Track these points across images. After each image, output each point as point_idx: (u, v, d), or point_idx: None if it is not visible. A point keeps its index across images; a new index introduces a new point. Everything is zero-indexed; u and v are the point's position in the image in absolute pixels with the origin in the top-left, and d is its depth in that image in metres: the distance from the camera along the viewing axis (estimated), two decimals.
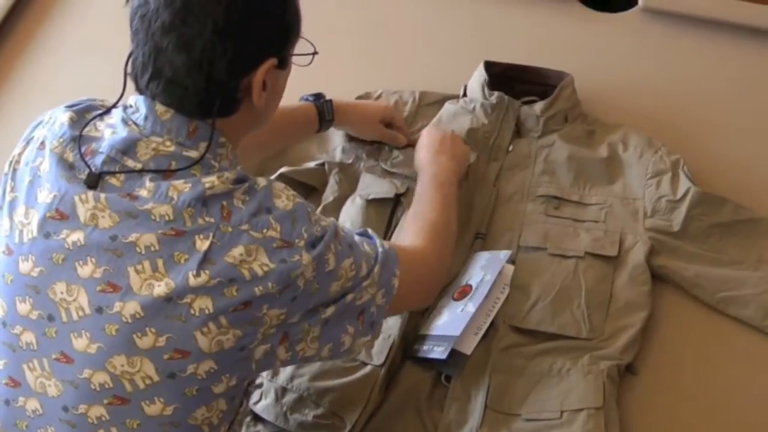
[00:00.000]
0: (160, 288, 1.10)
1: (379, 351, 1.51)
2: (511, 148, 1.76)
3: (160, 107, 1.16)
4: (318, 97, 1.71)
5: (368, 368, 1.49)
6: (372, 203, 1.67)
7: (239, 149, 1.27)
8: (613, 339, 1.51)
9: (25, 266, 1.15)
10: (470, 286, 1.56)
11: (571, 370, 1.48)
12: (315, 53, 1.27)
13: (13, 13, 2.11)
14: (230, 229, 1.12)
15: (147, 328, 1.11)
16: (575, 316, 1.53)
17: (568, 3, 2.06)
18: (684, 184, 1.67)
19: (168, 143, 1.15)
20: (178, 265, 1.11)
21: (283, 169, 1.75)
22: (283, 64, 1.22)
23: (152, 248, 1.11)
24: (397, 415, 1.47)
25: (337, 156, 1.78)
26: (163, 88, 1.15)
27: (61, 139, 1.18)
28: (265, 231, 1.14)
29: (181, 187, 1.13)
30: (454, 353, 1.49)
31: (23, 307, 1.15)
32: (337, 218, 1.67)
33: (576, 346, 1.51)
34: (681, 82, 1.92)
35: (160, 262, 1.11)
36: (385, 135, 1.76)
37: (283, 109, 1.52)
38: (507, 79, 1.83)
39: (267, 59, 1.17)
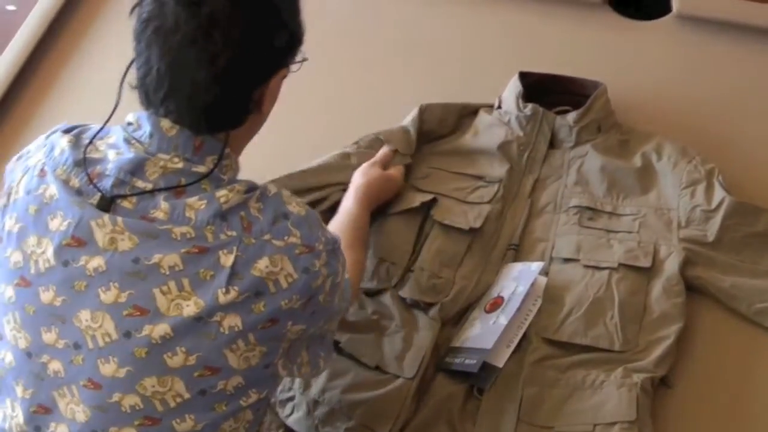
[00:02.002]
0: (189, 308, 1.10)
1: (410, 363, 1.51)
2: (544, 159, 1.76)
3: (165, 123, 1.14)
4: None
5: (400, 381, 1.49)
6: (401, 216, 1.68)
7: None
8: (647, 351, 1.50)
9: (46, 296, 1.14)
10: (502, 298, 1.56)
11: (605, 382, 1.47)
12: (305, 59, 1.25)
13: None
14: (253, 241, 1.12)
15: (177, 348, 1.11)
16: (608, 328, 1.52)
17: (601, 11, 2.05)
18: (719, 193, 1.65)
19: (176, 160, 1.14)
20: (205, 282, 1.11)
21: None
22: (287, 72, 1.22)
23: (176, 268, 1.11)
24: (429, 427, 1.47)
25: None
26: (177, 104, 1.13)
27: (65, 166, 1.16)
28: (287, 238, 1.14)
29: (197, 205, 1.12)
30: (485, 366, 1.49)
31: (49, 337, 1.14)
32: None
33: (609, 359, 1.50)
34: (716, 89, 1.91)
35: (185, 282, 1.11)
36: (398, 174, 1.75)
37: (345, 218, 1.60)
38: (541, 89, 1.83)
39: (281, 70, 1.18)
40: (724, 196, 1.64)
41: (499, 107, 1.83)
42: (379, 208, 1.69)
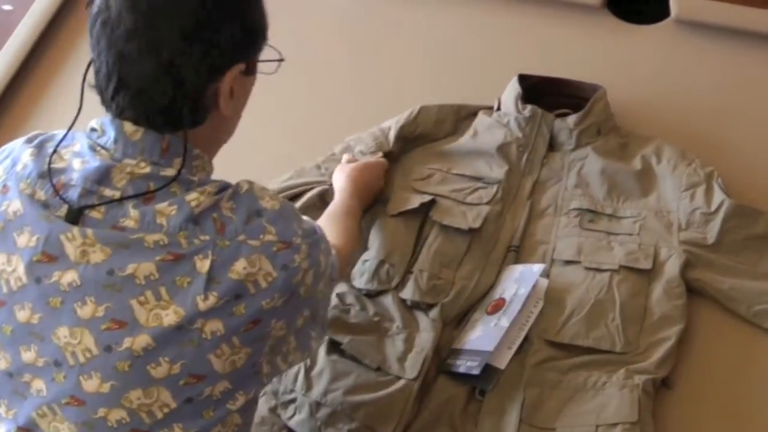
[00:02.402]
0: (169, 317, 1.07)
1: (412, 365, 1.51)
2: (544, 161, 1.76)
3: (128, 127, 1.11)
4: None
5: (402, 382, 1.49)
6: (400, 217, 1.68)
7: None
8: (648, 353, 1.51)
9: (22, 315, 1.10)
10: (504, 300, 1.56)
11: (607, 384, 1.47)
12: (281, 60, 1.23)
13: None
14: (228, 243, 1.09)
15: (160, 358, 1.08)
16: (610, 330, 1.53)
17: (600, 15, 2.06)
18: (718, 196, 1.66)
19: (143, 164, 1.10)
20: (183, 290, 1.07)
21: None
22: (250, 70, 1.18)
23: (152, 277, 1.07)
24: (431, 429, 1.47)
25: None
26: (130, 99, 1.09)
27: (29, 180, 1.12)
28: (262, 236, 1.11)
29: (168, 211, 1.08)
30: (487, 367, 1.49)
31: (29, 356, 1.11)
32: (367, 235, 1.68)
33: (611, 360, 1.51)
34: (714, 93, 1.92)
35: (163, 290, 1.07)
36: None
37: (334, 212, 1.59)
38: (540, 91, 1.84)
39: (235, 65, 1.12)
40: (723, 198, 1.65)
41: (498, 109, 1.83)
42: (377, 204, 1.71)
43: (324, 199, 1.73)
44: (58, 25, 2.15)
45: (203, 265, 1.08)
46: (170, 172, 1.11)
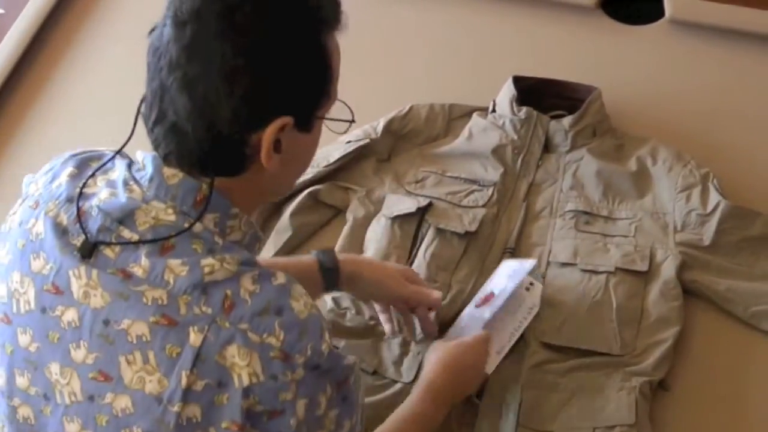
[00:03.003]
0: (152, 384, 1.02)
1: (408, 368, 1.51)
2: (540, 163, 1.76)
3: (167, 170, 1.06)
4: (325, 259, 1.47)
5: (398, 386, 1.49)
6: (396, 221, 1.67)
7: None
8: (645, 355, 1.51)
9: (23, 339, 1.08)
10: (493, 294, 1.55)
11: (604, 386, 1.47)
12: (352, 121, 1.14)
13: (41, 33, 2.13)
14: (227, 325, 1.01)
15: (134, 427, 1.03)
16: (606, 332, 1.52)
17: (594, 16, 2.05)
18: (714, 197, 1.66)
19: (170, 211, 1.05)
20: (171, 360, 1.02)
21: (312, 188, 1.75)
22: (305, 126, 1.08)
23: (144, 338, 1.02)
24: None
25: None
26: (164, 133, 1.05)
27: (57, 201, 1.09)
28: (265, 336, 1.01)
29: (178, 270, 1.02)
30: None
31: (22, 381, 1.09)
32: (362, 238, 1.68)
33: (608, 363, 1.50)
34: (709, 94, 1.91)
35: (151, 355, 1.02)
36: (414, 292, 1.51)
37: (278, 261, 1.44)
38: (535, 93, 1.83)
39: (280, 116, 1.04)
40: (719, 199, 1.65)
41: (493, 111, 1.83)
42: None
43: (316, 198, 1.73)
44: (51, 29, 2.14)
45: (196, 339, 1.01)
46: (198, 227, 1.05)
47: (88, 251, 1.05)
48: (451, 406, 1.41)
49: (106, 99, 2.01)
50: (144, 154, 1.10)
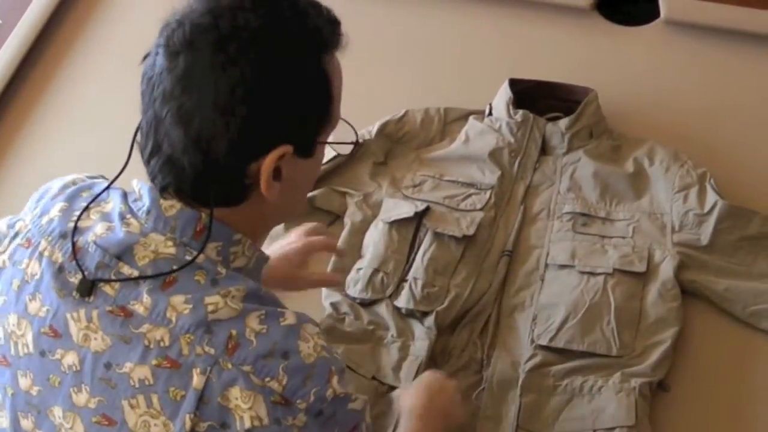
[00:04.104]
0: (158, 428, 0.99)
1: (407, 373, 1.51)
2: (537, 165, 1.76)
3: (165, 202, 1.02)
4: None
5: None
6: (394, 225, 1.67)
7: None
8: (644, 356, 1.51)
9: (24, 383, 1.05)
10: None
11: (603, 388, 1.47)
12: (356, 143, 1.11)
13: (36, 46, 2.13)
14: (230, 366, 0.97)
15: None
16: (605, 333, 1.52)
17: (589, 17, 2.05)
18: (711, 197, 1.66)
19: (169, 243, 1.01)
20: (175, 403, 0.98)
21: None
22: (306, 153, 1.04)
23: (146, 382, 0.99)
24: None
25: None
26: (161, 165, 1.01)
27: (50, 238, 1.06)
28: (267, 380, 0.97)
29: (181, 308, 0.99)
30: None
31: (26, 424, 1.06)
32: (360, 243, 1.68)
33: (607, 364, 1.50)
34: (705, 94, 1.91)
35: (155, 399, 0.99)
36: (312, 283, 1.51)
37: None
38: (531, 95, 1.83)
39: (279, 144, 1.00)
40: (716, 199, 1.65)
41: (490, 114, 1.83)
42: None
43: (312, 204, 1.74)
44: (48, 39, 2.14)
45: (199, 381, 0.97)
46: (200, 257, 1.01)
47: (87, 289, 1.01)
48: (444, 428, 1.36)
49: (101, 112, 2.02)
50: (140, 183, 1.06)
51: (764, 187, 1.73)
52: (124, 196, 1.07)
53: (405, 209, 1.69)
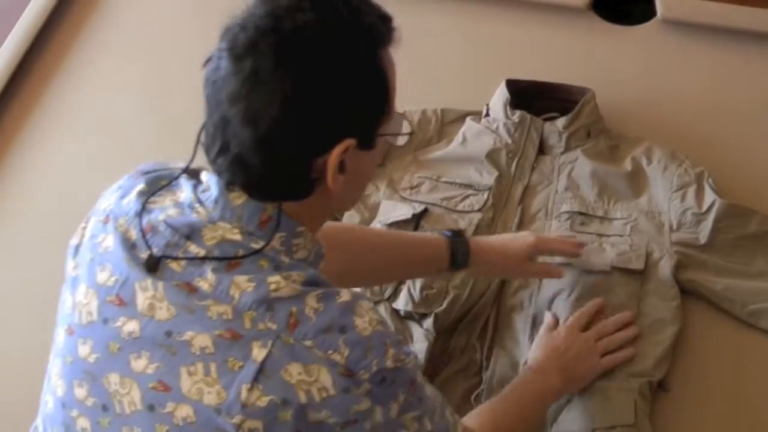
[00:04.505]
0: (211, 396, 1.01)
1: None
2: (534, 165, 1.76)
3: (231, 194, 1.07)
4: (456, 234, 1.52)
5: None
6: (392, 228, 1.67)
7: (339, 272, 1.16)
8: (644, 356, 1.50)
9: (83, 350, 1.09)
10: None
11: (603, 387, 1.47)
12: (411, 133, 1.16)
13: (33, 49, 2.12)
14: (292, 341, 1.01)
15: None
16: None
17: (585, 17, 2.05)
18: (709, 196, 1.65)
19: (236, 231, 1.06)
20: (232, 373, 1.01)
21: None
22: (367, 145, 1.08)
23: (207, 350, 1.02)
24: None
25: None
26: (228, 164, 1.05)
27: (127, 217, 1.11)
28: (330, 353, 1.01)
29: (244, 286, 1.03)
30: None
31: (80, 392, 1.09)
32: None
33: None
34: (703, 92, 1.91)
35: (213, 367, 1.02)
36: (536, 273, 1.58)
37: (409, 239, 1.48)
38: (528, 96, 1.83)
39: (345, 139, 1.04)
40: (714, 198, 1.65)
41: (487, 115, 1.83)
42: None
43: None
44: (43, 43, 2.14)
45: (259, 353, 1.01)
46: (263, 245, 1.06)
47: (154, 265, 1.06)
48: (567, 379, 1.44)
49: (99, 113, 2.02)
50: (209, 175, 1.10)
51: (762, 185, 1.73)
52: (195, 186, 1.12)
53: (403, 211, 1.69)
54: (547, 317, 1.53)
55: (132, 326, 1.06)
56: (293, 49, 1.01)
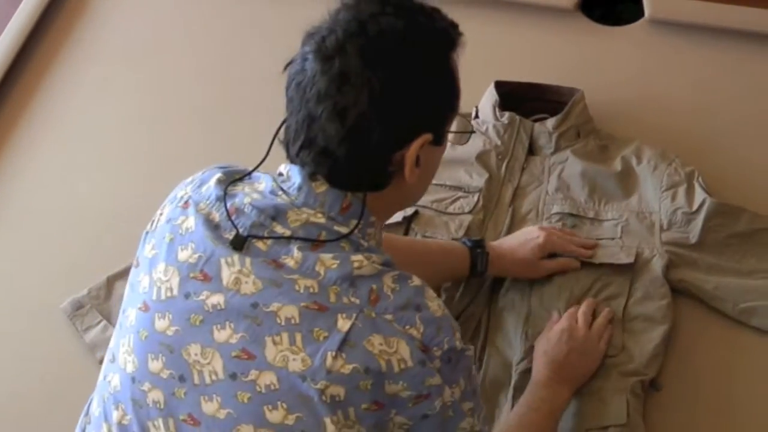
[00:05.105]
0: (296, 363, 1.07)
1: None
2: (524, 166, 1.76)
3: (314, 182, 1.13)
4: (476, 243, 1.57)
5: None
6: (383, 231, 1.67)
7: None
8: (635, 354, 1.50)
9: (161, 324, 1.13)
10: None
11: (595, 388, 1.47)
12: (472, 132, 1.27)
13: (23, 53, 2.12)
14: (374, 315, 1.08)
15: (279, 402, 1.08)
16: None
17: (573, 18, 2.05)
18: (699, 195, 1.66)
19: (319, 215, 1.12)
20: (317, 342, 1.07)
21: None
22: (439, 141, 1.17)
23: (293, 320, 1.08)
24: None
25: None
26: (314, 157, 1.12)
27: (208, 201, 1.17)
28: (407, 327, 1.08)
29: (329, 263, 1.09)
30: None
31: (155, 365, 1.13)
32: None
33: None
34: (691, 92, 1.92)
35: (298, 336, 1.07)
36: (550, 270, 1.60)
37: (434, 247, 1.53)
38: (518, 97, 1.83)
39: (422, 134, 1.12)
40: (704, 197, 1.65)
41: (476, 117, 1.83)
42: None
43: None
44: (31, 49, 2.14)
45: (344, 324, 1.07)
46: (344, 230, 1.13)
47: (240, 244, 1.12)
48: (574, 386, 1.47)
49: (87, 120, 2.01)
50: (288, 166, 1.17)
51: (752, 184, 1.74)
52: (273, 178, 1.18)
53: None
54: (554, 317, 1.54)
55: (216, 299, 1.11)
56: (379, 51, 1.09)
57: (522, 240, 1.60)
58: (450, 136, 1.20)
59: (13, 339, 1.70)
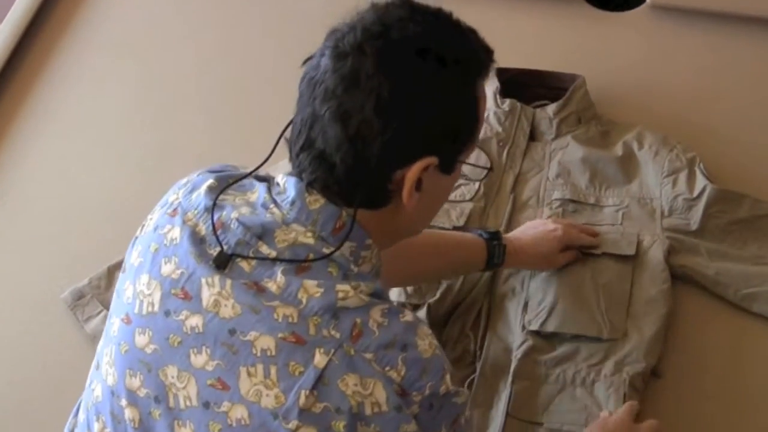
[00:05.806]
0: (269, 399, 1.01)
1: None
2: (525, 152, 1.75)
3: (309, 196, 1.07)
4: (493, 236, 1.53)
5: None
6: None
7: (385, 272, 1.15)
8: (635, 339, 1.50)
9: (141, 340, 1.09)
10: None
11: (594, 379, 1.47)
12: (490, 169, 1.17)
13: (22, 44, 2.13)
14: (353, 352, 1.01)
15: None
16: (595, 316, 1.52)
17: (574, 4, 2.04)
18: (700, 181, 1.65)
19: (309, 235, 1.06)
20: (292, 378, 1.01)
21: None
22: (448, 168, 1.09)
23: (269, 352, 1.02)
24: None
25: None
26: (311, 160, 1.05)
27: (196, 211, 1.11)
28: (387, 369, 1.02)
29: (312, 291, 1.03)
30: None
31: (132, 382, 1.09)
32: None
33: (598, 348, 1.50)
34: (693, 78, 1.91)
35: (273, 369, 1.02)
36: (565, 261, 1.59)
37: (449, 239, 1.48)
38: (518, 84, 1.83)
39: (427, 156, 1.05)
40: (705, 183, 1.64)
41: None
42: None
43: None
44: (30, 41, 2.15)
45: (321, 360, 1.01)
46: (336, 253, 1.06)
47: (224, 263, 1.06)
48: None
49: (87, 110, 2.02)
50: (286, 177, 1.10)
51: (753, 170, 1.73)
52: (269, 188, 1.12)
53: None
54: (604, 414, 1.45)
55: (195, 321, 1.06)
56: (396, 57, 1.02)
57: (540, 233, 1.57)
58: (464, 168, 1.14)
59: (14, 329, 1.71)
